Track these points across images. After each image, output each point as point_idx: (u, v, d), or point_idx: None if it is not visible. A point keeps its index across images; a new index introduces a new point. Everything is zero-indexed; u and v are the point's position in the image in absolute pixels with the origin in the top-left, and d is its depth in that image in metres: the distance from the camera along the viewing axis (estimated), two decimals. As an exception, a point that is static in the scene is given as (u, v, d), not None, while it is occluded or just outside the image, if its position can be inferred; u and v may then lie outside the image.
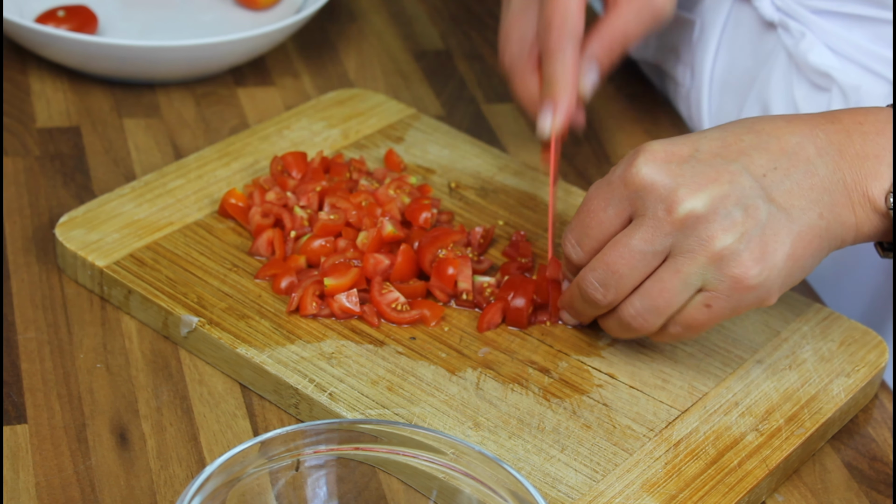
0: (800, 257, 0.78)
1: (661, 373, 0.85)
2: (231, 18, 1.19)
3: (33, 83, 1.11)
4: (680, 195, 0.77)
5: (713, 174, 0.77)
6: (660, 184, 0.78)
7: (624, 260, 0.79)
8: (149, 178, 0.98)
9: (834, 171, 0.79)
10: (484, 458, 0.70)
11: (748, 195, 0.77)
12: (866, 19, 1.00)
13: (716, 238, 0.77)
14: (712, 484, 0.78)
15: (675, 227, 0.77)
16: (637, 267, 0.79)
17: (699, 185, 0.77)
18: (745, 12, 1.07)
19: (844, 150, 0.80)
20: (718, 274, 0.77)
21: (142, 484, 0.78)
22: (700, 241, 0.77)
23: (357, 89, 1.10)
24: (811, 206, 0.78)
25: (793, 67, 1.04)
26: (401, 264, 0.89)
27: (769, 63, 1.06)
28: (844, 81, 1.00)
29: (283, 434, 0.70)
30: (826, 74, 1.01)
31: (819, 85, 1.02)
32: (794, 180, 0.78)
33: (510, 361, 0.85)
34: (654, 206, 0.78)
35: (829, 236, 0.79)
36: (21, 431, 0.80)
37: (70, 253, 0.90)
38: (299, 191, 0.95)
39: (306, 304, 0.87)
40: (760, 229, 0.77)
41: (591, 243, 0.81)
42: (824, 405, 0.84)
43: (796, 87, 1.03)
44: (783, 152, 0.79)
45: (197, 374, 0.85)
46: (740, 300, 0.78)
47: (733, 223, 0.77)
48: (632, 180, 0.78)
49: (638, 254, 0.78)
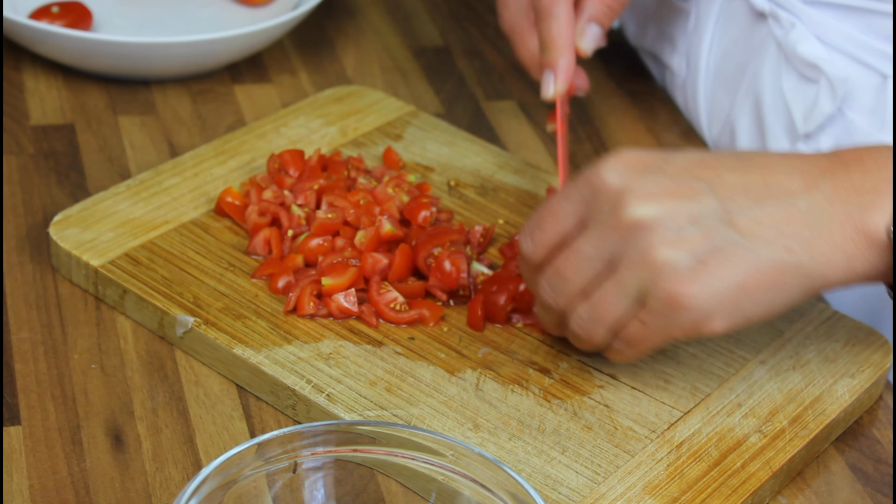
0: (754, 290, 0.75)
1: (663, 373, 0.85)
2: (228, 15, 1.19)
3: (27, 80, 1.11)
4: (628, 200, 0.75)
5: (672, 187, 0.75)
6: (613, 187, 0.76)
7: (570, 263, 0.77)
8: (144, 176, 0.97)
9: (821, 206, 0.76)
10: (484, 459, 0.70)
11: (705, 215, 0.75)
12: (859, 10, 1.00)
13: (656, 249, 0.74)
14: (715, 486, 0.78)
15: (619, 233, 0.75)
16: (581, 272, 0.77)
17: (652, 194, 0.75)
18: (737, 2, 1.08)
19: (840, 184, 0.76)
20: (655, 289, 0.74)
21: (137, 486, 0.77)
22: (641, 252, 0.74)
23: (355, 86, 1.10)
24: (779, 238, 0.75)
25: (782, 58, 1.04)
26: (399, 264, 0.88)
27: (760, 54, 1.06)
28: (832, 73, 1.00)
29: (281, 436, 0.70)
30: (814, 65, 1.01)
31: (807, 76, 1.02)
32: (765, 210, 0.75)
33: (510, 362, 0.85)
34: (603, 209, 0.76)
35: (800, 274, 0.75)
36: (15, 433, 0.80)
37: (64, 252, 0.90)
38: (296, 189, 0.94)
39: (304, 303, 0.86)
40: (710, 250, 0.74)
41: (541, 236, 0.79)
42: (828, 406, 0.83)
43: (785, 79, 1.03)
44: (762, 181, 0.76)
45: (193, 375, 0.85)
46: (674, 320, 0.75)
47: (680, 239, 0.74)
48: (591, 180, 0.77)
49: (584, 258, 0.76)
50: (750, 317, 0.76)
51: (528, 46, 0.97)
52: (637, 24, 1.20)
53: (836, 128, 1.02)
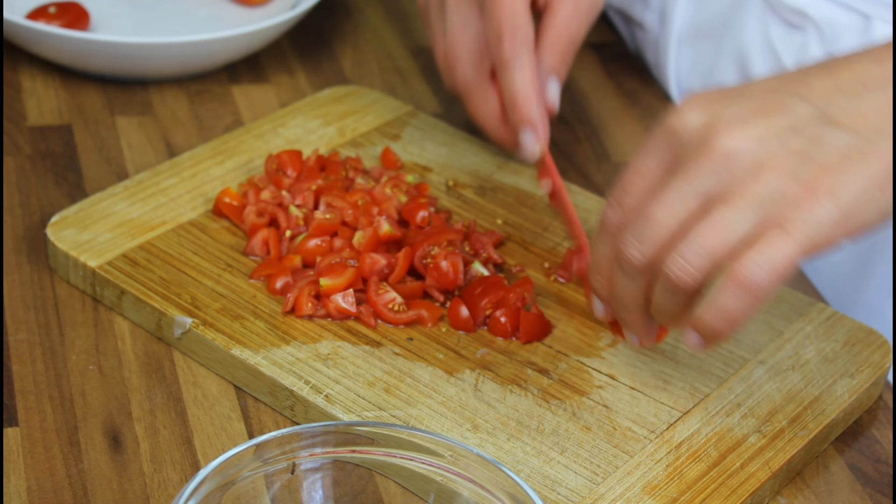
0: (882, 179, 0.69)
1: (662, 374, 0.84)
2: (225, 15, 1.18)
3: (24, 81, 1.11)
4: (718, 132, 0.69)
5: (760, 107, 0.70)
6: (698, 122, 0.70)
7: (661, 204, 0.70)
8: (142, 176, 0.97)
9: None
10: (482, 460, 0.70)
11: (805, 122, 0.69)
12: None
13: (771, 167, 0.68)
14: (714, 486, 0.77)
15: (717, 163, 0.69)
16: (675, 211, 0.70)
17: (742, 119, 0.69)
18: None
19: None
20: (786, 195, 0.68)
21: (135, 487, 0.77)
22: (750, 173, 0.68)
23: (353, 86, 1.10)
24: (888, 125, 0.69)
25: (768, 8, 1.04)
26: (401, 266, 0.88)
27: (742, 7, 1.06)
28: (819, 18, 1.01)
29: (279, 436, 0.70)
30: (801, 12, 1.01)
31: (794, 24, 1.03)
32: (867, 101, 0.70)
33: (509, 362, 0.84)
34: (692, 147, 0.70)
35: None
36: (12, 434, 0.79)
37: (62, 253, 0.90)
38: (294, 189, 0.94)
39: (302, 304, 0.86)
40: (826, 152, 0.68)
41: (630, 201, 0.73)
42: (828, 406, 0.83)
43: (772, 28, 1.04)
44: (854, 78, 0.71)
45: (191, 376, 0.84)
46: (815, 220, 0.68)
47: (790, 152, 0.68)
48: (671, 125, 0.72)
49: (675, 195, 0.70)
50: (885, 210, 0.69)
51: (487, 104, 0.91)
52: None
53: None
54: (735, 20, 1.07)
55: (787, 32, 1.03)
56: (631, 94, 1.17)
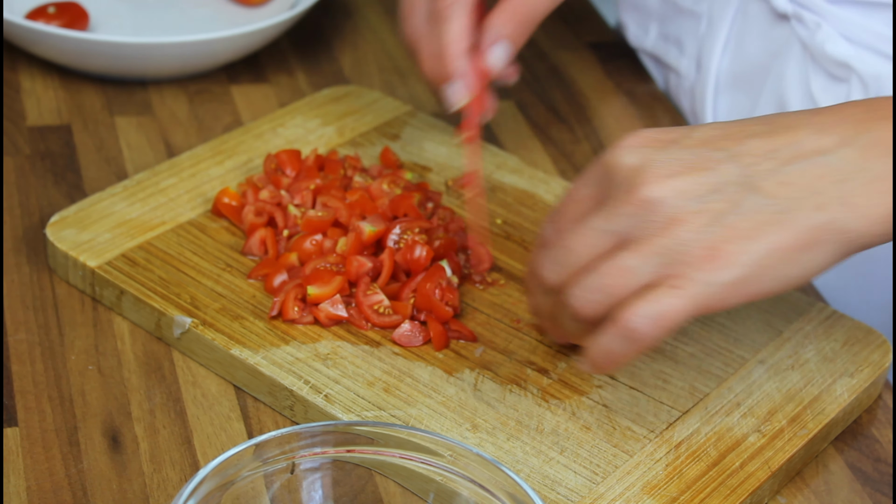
0: (790, 251, 0.71)
1: (662, 373, 0.84)
2: (224, 15, 1.18)
3: (24, 81, 1.11)
4: (643, 179, 0.72)
5: (691, 161, 0.73)
6: (628, 165, 0.73)
7: (578, 236, 0.73)
8: (141, 176, 0.97)
9: (856, 161, 0.72)
10: (482, 460, 0.69)
11: (727, 182, 0.72)
12: (883, 6, 0.99)
13: (680, 221, 0.71)
14: (714, 486, 0.77)
15: (635, 208, 0.72)
16: (590, 244, 0.73)
17: (670, 172, 0.72)
18: (755, 5, 1.07)
19: (881, 136, 0.73)
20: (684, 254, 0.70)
21: (134, 487, 0.77)
22: (662, 224, 0.71)
23: (352, 86, 1.10)
24: (810, 197, 0.72)
25: (808, 59, 1.03)
26: (387, 266, 0.88)
27: (783, 55, 1.05)
28: (864, 70, 0.99)
29: (278, 436, 0.70)
30: (844, 64, 0.99)
31: (837, 76, 1.01)
32: (792, 170, 0.72)
33: (508, 362, 0.84)
34: (618, 187, 0.73)
35: (835, 230, 0.72)
36: (12, 434, 0.79)
37: (61, 253, 0.90)
38: (293, 189, 0.94)
39: (288, 308, 0.86)
40: (736, 216, 0.71)
41: (563, 223, 0.76)
42: (827, 406, 0.83)
43: (813, 79, 1.02)
44: (791, 141, 0.73)
45: (190, 376, 0.84)
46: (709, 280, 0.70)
47: (703, 209, 0.71)
48: (606, 161, 0.75)
49: (592, 231, 0.73)
50: (789, 280, 0.72)
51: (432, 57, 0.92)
52: (637, 24, 1.19)
53: None
54: (774, 69, 1.05)
55: (829, 84, 1.01)
56: (630, 93, 1.17)
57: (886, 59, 1.00)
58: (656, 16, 1.16)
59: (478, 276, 0.91)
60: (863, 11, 1.00)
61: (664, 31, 1.15)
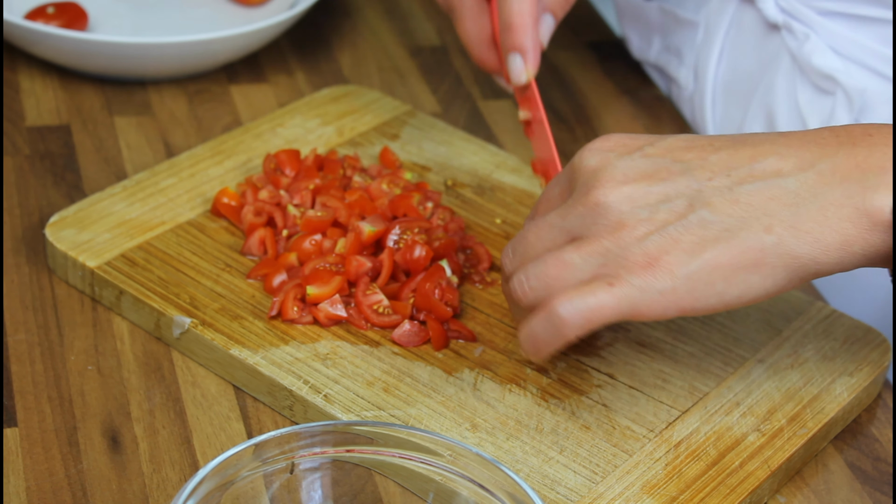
0: (729, 269, 0.72)
1: (661, 373, 0.84)
2: (224, 15, 1.18)
3: (23, 81, 1.11)
4: (599, 182, 0.74)
5: (647, 170, 0.74)
6: (588, 167, 0.75)
7: (534, 230, 0.76)
8: (140, 176, 0.97)
9: (813, 186, 0.73)
10: (481, 459, 0.69)
11: (677, 195, 0.73)
12: (872, 20, 0.99)
13: (625, 226, 0.72)
14: (713, 485, 0.77)
15: (587, 208, 0.73)
16: (542, 237, 0.75)
17: (626, 178, 0.74)
18: (748, 14, 1.06)
19: (842, 163, 0.73)
20: (623, 257, 0.72)
21: (134, 488, 0.77)
22: (608, 226, 0.73)
23: (352, 86, 1.10)
24: (758, 218, 0.72)
25: (796, 70, 1.03)
26: (386, 266, 0.88)
27: (773, 66, 1.05)
28: (849, 84, 0.98)
29: (278, 436, 0.70)
30: (830, 77, 0.99)
31: (823, 88, 1.01)
32: (745, 190, 0.73)
33: (508, 362, 0.84)
34: (578, 188, 0.75)
35: (784, 254, 0.72)
36: (11, 435, 0.79)
37: (60, 253, 0.90)
38: (293, 189, 0.94)
39: (287, 308, 0.85)
40: (682, 228, 0.72)
41: (534, 217, 0.79)
42: (827, 405, 0.83)
43: (800, 91, 1.02)
44: (748, 162, 0.74)
45: (190, 376, 0.84)
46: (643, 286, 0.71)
47: (650, 218, 0.72)
48: (574, 161, 0.77)
49: (547, 225, 0.75)
50: (727, 298, 0.72)
51: (478, 24, 0.90)
52: (640, 37, 1.19)
53: None
54: (764, 80, 1.05)
55: (815, 96, 1.01)
56: (630, 92, 1.17)
57: (873, 74, 1.00)
58: (658, 28, 1.16)
59: (477, 275, 0.91)
60: (852, 25, 1.00)
61: (666, 42, 1.15)
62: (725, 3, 1.08)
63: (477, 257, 0.92)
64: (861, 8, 0.99)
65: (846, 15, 1.00)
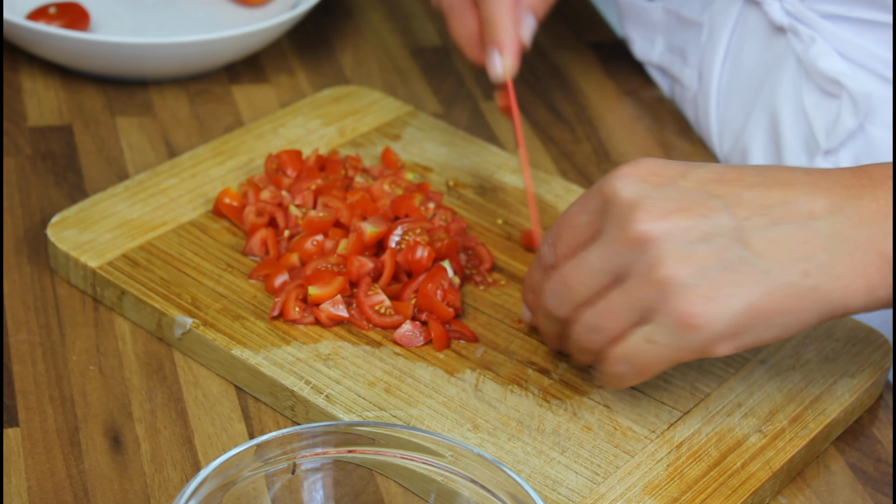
0: (768, 313, 0.72)
1: (663, 373, 0.84)
2: (225, 15, 1.18)
3: (25, 81, 1.11)
4: (638, 215, 0.73)
5: (686, 203, 0.73)
6: (625, 199, 0.74)
7: (575, 274, 0.76)
8: (142, 177, 0.97)
9: (843, 230, 0.73)
10: (483, 460, 0.69)
11: (718, 232, 0.73)
12: (878, 24, 0.99)
13: (664, 265, 0.72)
14: (715, 486, 0.77)
15: (627, 246, 0.73)
16: (586, 283, 0.75)
17: (664, 210, 0.73)
18: (754, 16, 1.06)
19: (866, 206, 0.74)
20: (664, 306, 0.72)
21: (136, 488, 0.77)
22: (648, 266, 0.72)
23: (353, 86, 1.10)
24: (796, 262, 0.72)
25: (802, 73, 1.02)
26: (388, 267, 0.88)
27: (778, 68, 1.04)
28: (854, 88, 0.98)
29: (279, 437, 0.70)
30: (836, 81, 0.99)
31: (829, 91, 1.01)
32: (782, 231, 0.73)
33: (509, 362, 0.84)
34: (613, 222, 0.74)
35: (817, 298, 0.73)
36: (13, 435, 0.79)
37: (62, 253, 0.90)
38: (294, 189, 0.94)
39: (289, 309, 0.85)
40: (721, 269, 0.72)
41: (562, 248, 0.78)
42: (828, 406, 0.83)
43: (805, 94, 1.02)
44: (782, 200, 0.74)
45: (191, 376, 0.84)
46: (684, 339, 0.73)
47: (690, 256, 0.72)
48: (604, 191, 0.76)
49: (589, 269, 0.75)
50: (762, 339, 0.74)
51: (466, 24, 0.93)
52: (643, 37, 1.18)
53: (857, 143, 1.00)
54: (769, 82, 1.05)
55: (821, 99, 1.01)
56: (631, 93, 1.17)
57: (878, 78, 1.00)
58: (661, 28, 1.16)
59: (479, 276, 0.91)
60: (857, 29, 1.00)
61: (669, 43, 1.15)
62: (730, 4, 1.08)
63: (479, 258, 0.92)
64: (866, 12, 0.99)
65: (851, 19, 1.00)
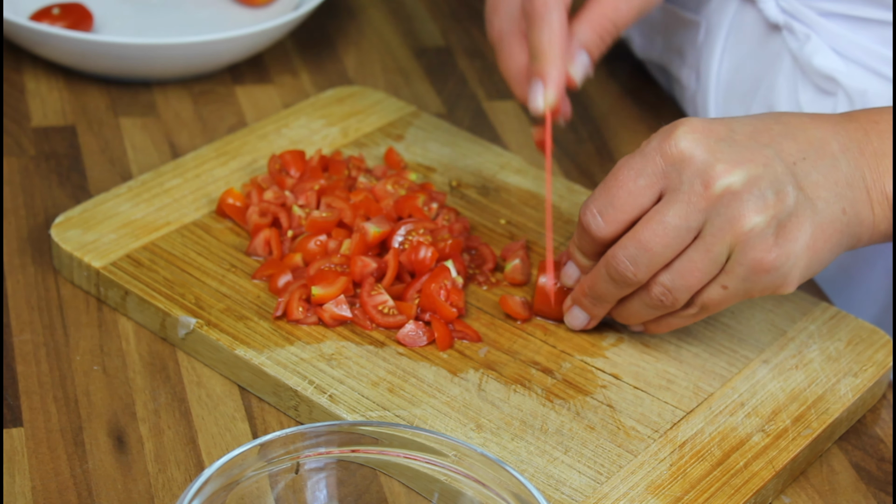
0: (819, 249, 0.79)
1: (666, 373, 0.84)
2: (229, 15, 1.18)
3: (28, 82, 1.11)
4: (718, 170, 0.77)
5: (749, 154, 0.77)
6: (699, 157, 0.77)
7: (658, 237, 0.78)
8: (145, 177, 0.97)
9: (855, 168, 0.80)
10: (486, 460, 0.69)
11: (780, 180, 0.77)
12: (873, 22, 0.99)
13: (746, 217, 0.76)
14: (718, 486, 0.77)
15: (710, 202, 0.77)
16: (671, 245, 0.78)
17: (736, 162, 0.77)
18: (749, 14, 1.06)
19: (863, 147, 0.81)
20: (740, 255, 0.77)
21: (139, 487, 0.77)
22: (730, 220, 0.77)
23: (356, 87, 1.10)
24: (836, 199, 0.79)
25: (798, 71, 1.03)
26: (392, 267, 0.88)
27: (774, 66, 1.05)
28: (850, 85, 0.99)
29: (283, 436, 0.70)
30: (831, 78, 1.00)
31: (824, 89, 1.01)
32: (821, 172, 0.79)
33: (512, 362, 0.84)
34: (690, 181, 0.77)
35: (848, 232, 0.80)
36: (17, 435, 0.79)
37: (66, 254, 0.90)
38: (297, 189, 0.94)
39: (293, 309, 0.86)
40: (787, 214, 0.77)
41: (615, 214, 0.79)
42: (831, 405, 0.83)
43: (801, 91, 1.02)
44: (810, 144, 0.80)
45: (195, 376, 0.84)
46: (755, 283, 0.78)
47: (765, 205, 0.77)
48: (670, 152, 0.78)
49: (672, 230, 0.77)
50: (813, 274, 0.80)
51: (514, 58, 0.90)
52: (643, 36, 1.18)
53: None
54: (766, 80, 1.05)
55: (816, 96, 1.02)
56: (633, 92, 1.17)
57: (874, 75, 1.00)
58: (660, 27, 1.16)
59: (482, 276, 0.91)
60: (852, 26, 1.00)
61: (668, 41, 1.15)
62: (725, 3, 1.08)
63: (482, 258, 0.92)
64: (861, 9, 0.99)
65: (846, 16, 1.00)
